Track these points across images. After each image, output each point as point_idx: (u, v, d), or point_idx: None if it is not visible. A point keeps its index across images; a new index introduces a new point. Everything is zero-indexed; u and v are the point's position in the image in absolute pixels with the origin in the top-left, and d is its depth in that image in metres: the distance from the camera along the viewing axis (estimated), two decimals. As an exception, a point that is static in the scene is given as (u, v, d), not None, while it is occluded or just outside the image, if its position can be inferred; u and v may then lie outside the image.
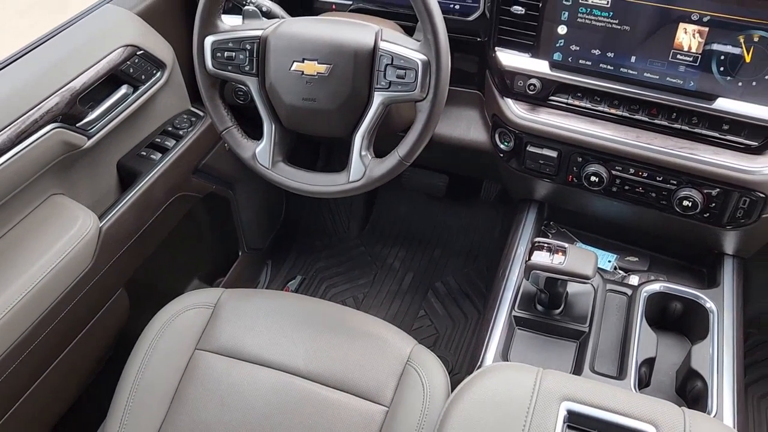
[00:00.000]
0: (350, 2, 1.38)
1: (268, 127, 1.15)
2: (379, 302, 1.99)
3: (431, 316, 1.94)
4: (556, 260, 1.16)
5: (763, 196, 1.15)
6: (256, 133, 1.18)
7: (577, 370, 1.18)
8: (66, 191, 1.26)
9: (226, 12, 1.14)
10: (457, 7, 1.29)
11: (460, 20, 1.29)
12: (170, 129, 1.46)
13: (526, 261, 1.18)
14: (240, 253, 1.89)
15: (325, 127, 1.12)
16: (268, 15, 1.23)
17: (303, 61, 1.06)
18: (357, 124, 1.09)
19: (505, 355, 1.21)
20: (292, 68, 1.07)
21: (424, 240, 2.14)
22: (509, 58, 1.24)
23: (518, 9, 1.19)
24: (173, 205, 1.47)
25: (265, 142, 1.16)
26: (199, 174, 1.55)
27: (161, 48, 1.38)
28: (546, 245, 1.18)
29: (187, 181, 1.51)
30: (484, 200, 2.11)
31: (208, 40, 1.11)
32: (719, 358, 1.17)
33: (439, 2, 1.02)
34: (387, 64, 1.04)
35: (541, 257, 1.17)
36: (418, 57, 1.02)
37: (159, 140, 1.43)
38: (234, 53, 1.10)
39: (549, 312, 1.26)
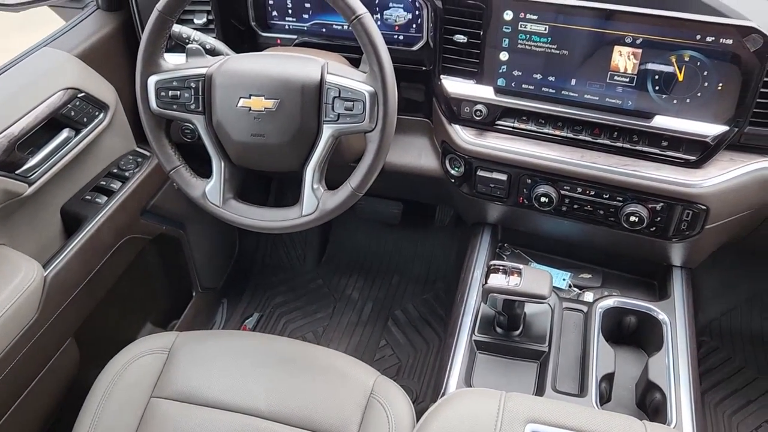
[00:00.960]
0: (295, 37, 1.38)
1: (217, 165, 1.14)
2: (340, 335, 1.97)
3: (393, 346, 1.93)
4: (513, 282, 1.17)
5: (705, 208, 1.19)
6: (205, 171, 1.17)
7: (540, 390, 1.19)
8: (7, 241, 1.21)
9: (168, 51, 1.13)
10: (401, 37, 1.31)
11: (404, 50, 1.31)
12: (116, 171, 1.43)
13: (483, 284, 1.19)
14: (194, 294, 1.85)
15: (276, 161, 1.11)
16: (212, 52, 1.22)
17: (250, 97, 1.06)
18: (308, 158, 1.09)
19: (468, 380, 1.21)
20: (239, 105, 1.06)
21: (381, 268, 2.14)
22: (455, 86, 1.26)
23: (461, 38, 1.21)
24: (122, 249, 1.43)
25: (215, 179, 1.14)
26: (148, 215, 1.52)
27: (103, 89, 1.35)
28: (502, 268, 1.19)
29: (135, 224, 1.47)
30: (439, 225, 2.13)
31: (152, 80, 1.10)
32: (675, 368, 1.20)
33: (382, 33, 1.04)
34: (335, 97, 1.04)
35: (497, 280, 1.18)
36: (365, 89, 1.03)
37: (104, 183, 1.40)
38: (179, 92, 1.09)
39: (508, 334, 1.27)
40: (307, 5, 1.35)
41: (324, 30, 1.37)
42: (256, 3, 1.38)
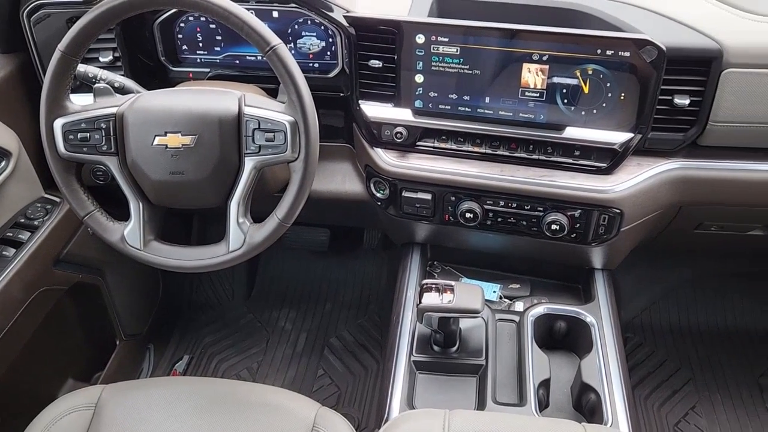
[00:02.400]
0: (207, 70, 1.36)
1: (135, 206, 1.09)
2: (276, 369, 1.92)
3: (331, 374, 1.90)
4: (446, 299, 1.18)
5: (619, 211, 1.25)
6: (122, 214, 1.12)
7: (481, 404, 1.20)
8: None
9: (74, 91, 1.08)
10: (316, 65, 1.32)
11: (321, 78, 1.31)
12: (23, 221, 1.35)
13: (418, 304, 1.19)
14: (117, 343, 1.76)
15: (198, 198, 1.08)
16: (122, 91, 1.18)
17: (165, 135, 1.02)
18: (231, 192, 1.07)
19: (410, 402, 1.20)
20: (155, 143, 1.03)
21: (312, 297, 2.11)
22: (374, 110, 1.28)
23: (376, 63, 1.23)
24: (35, 303, 1.34)
25: (134, 222, 1.09)
26: (62, 265, 1.44)
27: (4, 135, 1.27)
28: (434, 286, 1.20)
29: (48, 275, 1.39)
30: (368, 248, 2.13)
31: (58, 123, 1.04)
32: (606, 368, 1.24)
33: (297, 62, 1.04)
34: (254, 129, 1.03)
35: (430, 299, 1.18)
36: (284, 119, 1.02)
37: (11, 234, 1.32)
38: (88, 134, 1.04)
39: (446, 351, 1.27)
40: (218, 38, 1.34)
41: (237, 62, 1.36)
42: (164, 38, 1.35)
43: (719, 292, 2.10)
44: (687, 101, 1.17)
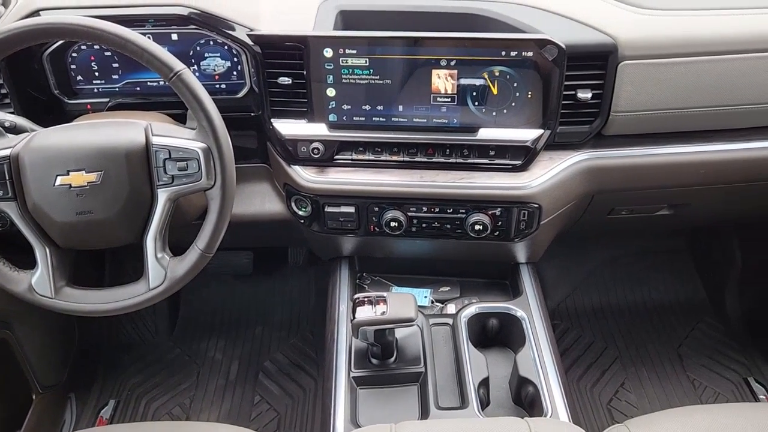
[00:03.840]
0: (107, 100, 1.28)
1: (41, 252, 1.02)
2: (210, 402, 1.85)
3: (268, 400, 1.85)
4: (379, 311, 1.17)
5: (537, 206, 1.29)
6: (27, 261, 1.04)
7: (425, 412, 1.20)
8: None
9: (-41, 135, 1.00)
10: (223, 86, 1.28)
11: (229, 99, 1.27)
12: None
13: (352, 320, 1.17)
14: (34, 397, 1.63)
15: (110, 237, 1.02)
16: (14, 130, 1.10)
17: (68, 174, 0.96)
18: (145, 227, 1.02)
19: (354, 419, 1.19)
20: (57, 183, 0.96)
21: (241, 322, 2.05)
22: (287, 127, 1.25)
23: (285, 80, 1.20)
24: (-64, 366, 1.23)
25: (41, 269, 1.02)
26: (-37, 321, 1.32)
27: None
28: (366, 299, 1.19)
29: (-52, 333, 1.27)
30: (294, 266, 2.09)
31: (-56, 171, 0.96)
32: (541, 360, 1.27)
33: (204, 84, 1.00)
34: (165, 159, 0.98)
35: (364, 312, 1.17)
36: (196, 146, 0.98)
37: None
38: (-20, 180, 0.96)
39: (384, 363, 1.26)
40: (115, 65, 1.27)
41: (138, 88, 1.29)
42: (55, 69, 1.26)
43: (634, 270, 2.21)
44: (589, 95, 1.22)
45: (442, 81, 1.19)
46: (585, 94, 1.21)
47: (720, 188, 1.43)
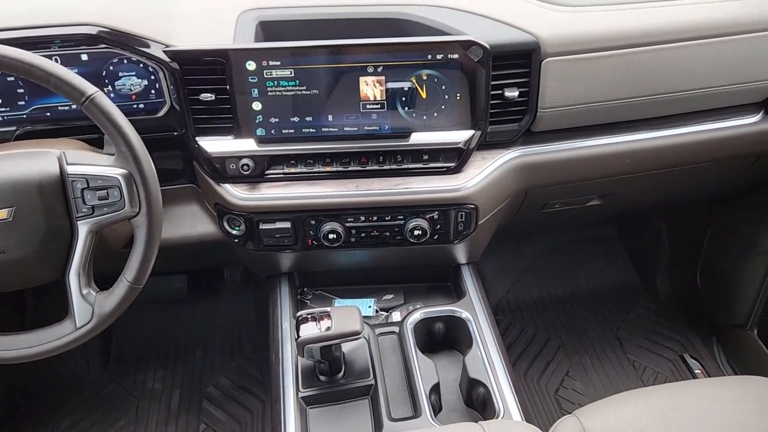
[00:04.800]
0: (13, 128, 1.18)
1: (-50, 300, 0.93)
2: (152, 436, 1.77)
3: (214, 427, 1.78)
4: (324, 327, 1.14)
5: (473, 206, 1.29)
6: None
7: (378, 425, 1.17)
8: None
9: None
10: (141, 106, 1.21)
11: (149, 119, 1.20)
12: None
13: (296, 338, 1.14)
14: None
15: (28, 277, 0.95)
16: None
17: (-25, 212, 0.88)
18: (67, 262, 0.95)
19: (306, 440, 1.15)
20: (-38, 223, 0.88)
21: (179, 349, 1.97)
22: (214, 145, 1.20)
23: (207, 96, 1.15)
24: None
25: (-47, 317, 0.94)
26: None
27: None
28: (310, 316, 1.16)
29: None
30: (230, 285, 2.03)
31: None
32: (489, 360, 1.27)
33: (120, 106, 0.94)
34: (83, 189, 0.92)
35: (309, 329, 1.14)
36: (116, 172, 0.93)
37: None
38: None
39: (333, 379, 1.23)
40: (20, 90, 1.17)
41: (48, 114, 1.20)
42: (-50, 98, 1.17)
43: (569, 260, 2.27)
44: (516, 93, 1.23)
45: (371, 88, 1.17)
46: (512, 93, 1.23)
47: (645, 176, 1.48)
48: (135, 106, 1.20)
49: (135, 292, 0.97)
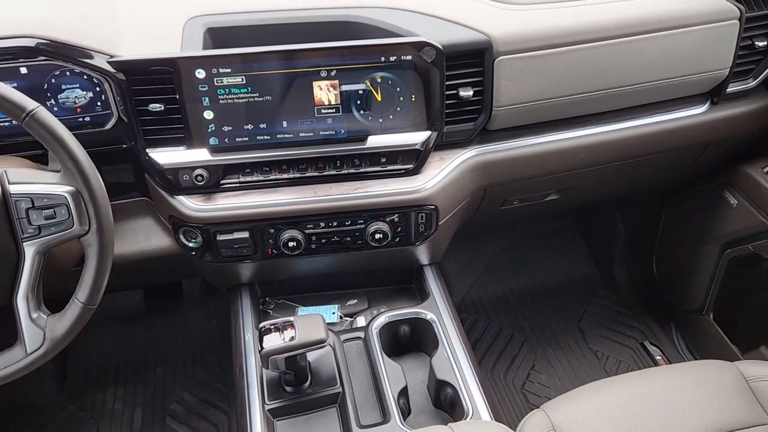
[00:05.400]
0: (-54, 147, 1.13)
1: None
2: (115, 457, 1.71)
3: (179, 443, 1.74)
4: (288, 337, 1.12)
5: (434, 207, 1.28)
6: None
7: (347, 433, 1.16)
8: None
9: None
10: (87, 119, 1.16)
11: (96, 132, 1.16)
12: None
13: (260, 351, 1.12)
14: None
15: (-29, 304, 0.90)
16: None
17: None
18: (14, 286, 0.90)
19: (275, 454, 1.13)
20: None
21: (139, 366, 1.91)
22: (165, 156, 1.16)
23: (156, 106, 1.12)
24: None
25: None
26: None
27: None
28: (273, 326, 1.14)
29: None
30: (189, 298, 1.98)
31: None
32: (456, 360, 1.27)
33: (64, 120, 0.90)
34: (28, 209, 0.88)
35: (272, 341, 1.12)
36: (62, 190, 0.89)
37: None
38: None
39: (299, 389, 1.21)
40: (-46, 108, 1.12)
41: (-12, 131, 1.15)
42: None
43: (529, 254, 2.29)
44: (471, 92, 1.23)
45: (325, 92, 1.15)
46: (467, 93, 1.23)
47: (600, 169, 1.50)
48: (80, 119, 1.16)
49: (89, 313, 0.94)
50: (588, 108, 1.38)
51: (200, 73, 1.09)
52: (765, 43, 1.43)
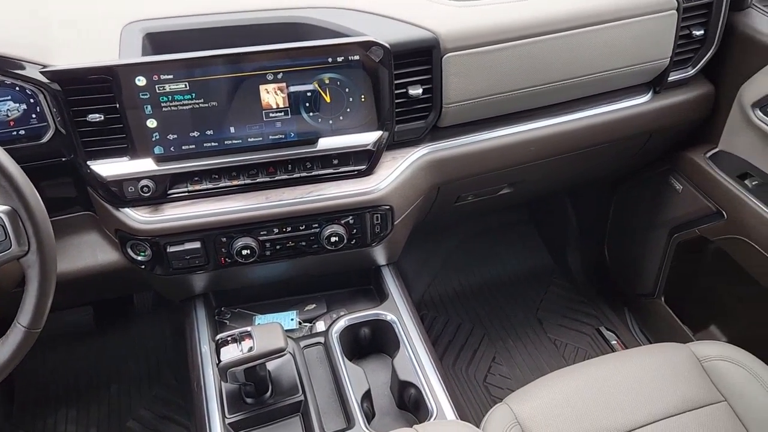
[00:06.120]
0: None
1: None
2: (71, 482, 1.65)
3: (139, 462, 1.69)
4: (246, 347, 1.09)
5: (388, 207, 1.27)
6: None
7: (311, 441, 1.14)
8: None
9: None
10: (21, 132, 1.10)
11: (32, 146, 1.10)
12: None
13: (218, 364, 1.09)
14: None
15: None
16: None
17: None
18: (-51, 314, 0.85)
19: (238, 468, 1.10)
20: None
21: (92, 384, 1.84)
22: (108, 168, 1.12)
23: (96, 117, 1.07)
24: None
25: None
26: None
27: None
28: (230, 338, 1.11)
29: None
30: (142, 311, 1.92)
31: None
32: (418, 360, 1.26)
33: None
34: (-40, 231, 0.83)
35: (230, 353, 1.09)
36: (-3, 209, 0.84)
37: None
38: None
39: (260, 400, 1.19)
40: None
41: None
42: None
43: (485, 247, 2.31)
44: (420, 90, 1.23)
45: (272, 95, 1.13)
46: (416, 91, 1.22)
47: (550, 161, 1.52)
48: (14, 133, 1.10)
49: (33, 337, 0.89)
50: (536, 101, 1.39)
51: (141, 81, 1.05)
52: (702, 32, 1.47)
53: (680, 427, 1.15)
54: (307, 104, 1.15)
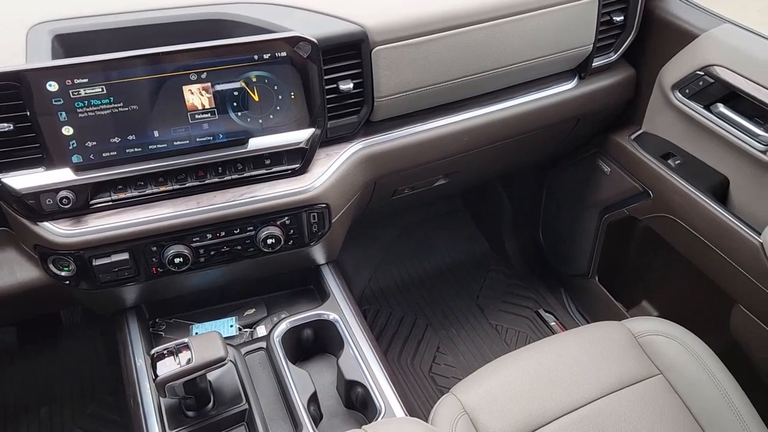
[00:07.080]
0: None
1: None
2: None
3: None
4: (184, 360, 1.05)
5: (325, 205, 1.25)
6: None
7: (258, 451, 1.11)
8: None
9: None
10: None
11: (-67, 161, 1.02)
12: None
13: (154, 379, 1.04)
14: None
15: None
16: None
17: None
18: None
19: (182, 486, 1.06)
20: None
21: (20, 408, 1.74)
22: (22, 180, 1.04)
23: (4, 126, 0.99)
24: None
25: None
26: None
27: None
28: (166, 351, 1.06)
29: None
30: (70, 327, 1.82)
31: None
32: (363, 358, 1.25)
33: None
34: None
35: (167, 366, 1.04)
36: None
37: None
38: None
39: (202, 412, 1.14)
40: None
41: None
42: None
43: (423, 238, 2.32)
44: (351, 85, 1.21)
45: (197, 96, 1.08)
46: (347, 86, 1.20)
47: (483, 150, 1.53)
48: None
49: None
50: (466, 92, 1.40)
51: (52, 86, 0.98)
52: (621, 17, 1.51)
53: (621, 402, 1.18)
54: (235, 104, 1.11)
